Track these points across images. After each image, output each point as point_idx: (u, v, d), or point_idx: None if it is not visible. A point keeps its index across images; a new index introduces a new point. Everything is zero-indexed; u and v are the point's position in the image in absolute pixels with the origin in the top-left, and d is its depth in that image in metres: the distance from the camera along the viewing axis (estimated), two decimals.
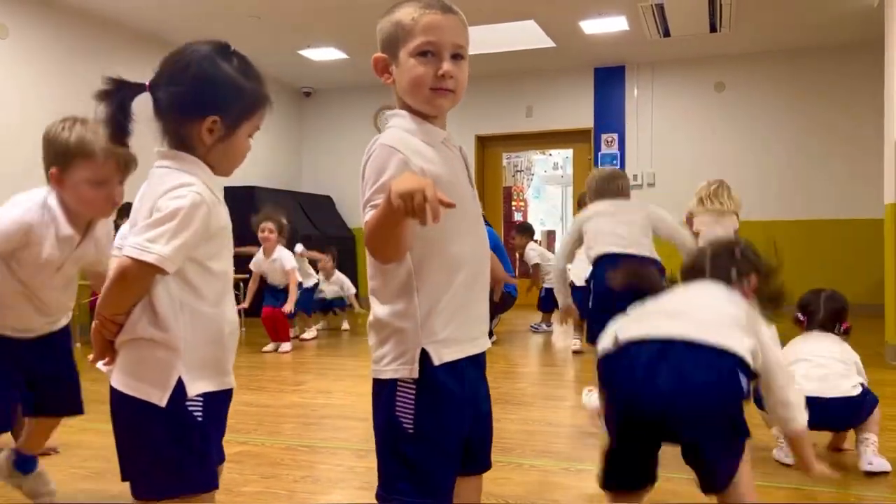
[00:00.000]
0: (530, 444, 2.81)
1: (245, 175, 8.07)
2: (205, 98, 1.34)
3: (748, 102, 8.03)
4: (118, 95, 1.34)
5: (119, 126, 1.35)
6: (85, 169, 1.77)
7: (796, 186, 7.68)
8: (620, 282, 1.89)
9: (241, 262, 6.82)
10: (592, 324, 2.98)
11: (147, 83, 1.37)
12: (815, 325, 2.52)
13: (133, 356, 1.33)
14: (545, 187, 13.86)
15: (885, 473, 2.31)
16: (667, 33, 6.99)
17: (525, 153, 11.35)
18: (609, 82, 8.50)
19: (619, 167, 8.44)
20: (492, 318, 5.73)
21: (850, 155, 7.56)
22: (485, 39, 7.15)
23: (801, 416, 1.66)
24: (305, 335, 5.98)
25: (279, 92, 9.21)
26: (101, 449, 2.56)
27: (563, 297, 3.18)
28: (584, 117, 8.61)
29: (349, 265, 7.54)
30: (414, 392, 1.28)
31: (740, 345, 1.55)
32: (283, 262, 5.32)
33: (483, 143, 9.04)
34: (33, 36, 5.93)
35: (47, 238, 1.82)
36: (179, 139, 1.36)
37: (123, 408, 1.34)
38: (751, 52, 7.83)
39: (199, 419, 1.33)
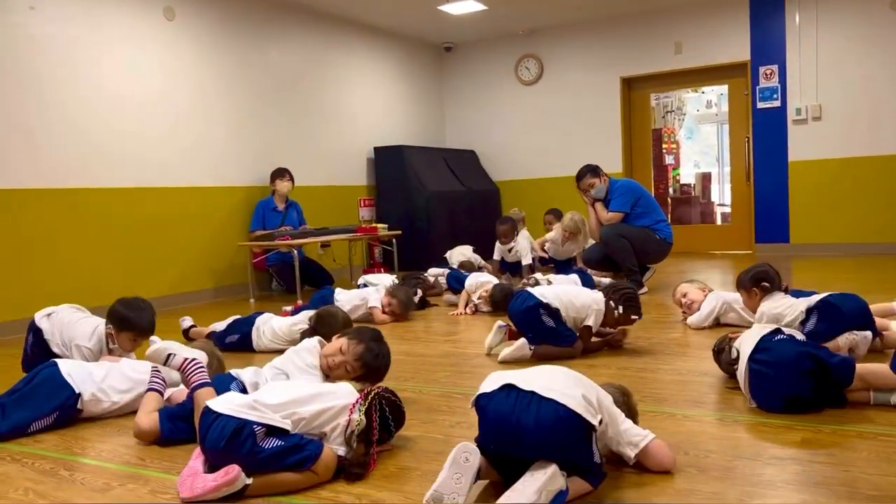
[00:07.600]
0: (683, 395, 2.78)
1: (393, 135, 8.30)
2: None
3: None
4: None
5: None
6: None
7: None
8: None
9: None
10: None
11: None
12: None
13: None
14: (698, 127, 13.16)
15: None
16: None
17: (675, 92, 10.80)
18: (767, 11, 7.87)
19: (779, 101, 7.87)
20: (645, 269, 5.69)
21: None
22: None
23: None
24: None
25: (420, 49, 9.34)
26: None
27: None
28: (739, 50, 8.05)
29: (492, 218, 7.57)
30: None
31: None
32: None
33: (629, 84, 8.69)
34: (198, 17, 6.35)
35: None
36: None
37: None
38: None
39: None
